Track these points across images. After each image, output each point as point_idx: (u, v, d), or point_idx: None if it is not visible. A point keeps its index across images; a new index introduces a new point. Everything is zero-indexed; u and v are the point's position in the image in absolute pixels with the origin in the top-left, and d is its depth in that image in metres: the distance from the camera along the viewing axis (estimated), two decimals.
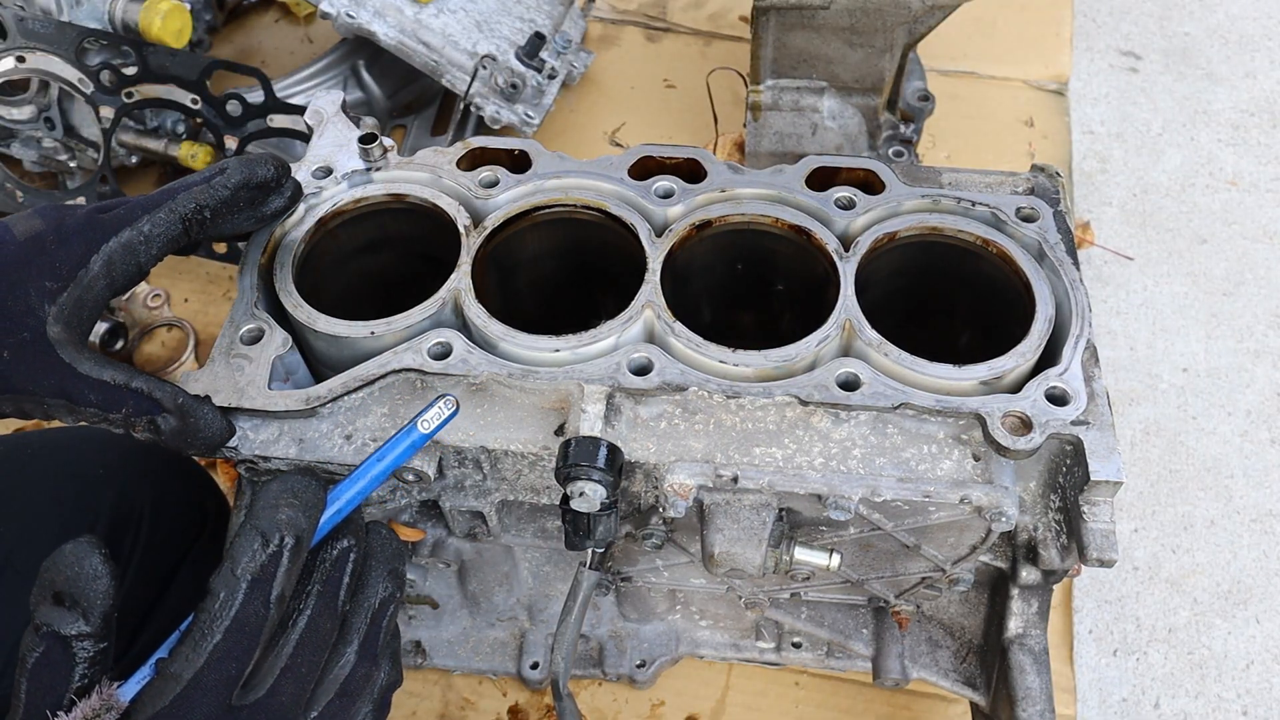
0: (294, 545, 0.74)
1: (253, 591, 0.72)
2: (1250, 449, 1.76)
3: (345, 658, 0.78)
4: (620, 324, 0.96)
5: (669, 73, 2.18)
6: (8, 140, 1.84)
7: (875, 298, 0.98)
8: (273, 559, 0.73)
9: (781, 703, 1.44)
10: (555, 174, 1.08)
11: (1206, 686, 1.53)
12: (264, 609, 0.72)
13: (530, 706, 1.43)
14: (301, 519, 0.75)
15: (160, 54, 1.69)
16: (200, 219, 0.90)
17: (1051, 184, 1.10)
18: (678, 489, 0.90)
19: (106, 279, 0.86)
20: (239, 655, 0.71)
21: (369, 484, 0.83)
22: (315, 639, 0.76)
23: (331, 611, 0.77)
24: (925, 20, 1.56)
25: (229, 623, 0.71)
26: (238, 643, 0.71)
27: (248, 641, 0.71)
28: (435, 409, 0.87)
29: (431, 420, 0.87)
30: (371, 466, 0.84)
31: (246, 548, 0.73)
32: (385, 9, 1.80)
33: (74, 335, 0.85)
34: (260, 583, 0.72)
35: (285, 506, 0.75)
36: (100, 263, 0.85)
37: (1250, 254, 2.01)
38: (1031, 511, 0.97)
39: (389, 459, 0.85)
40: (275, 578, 0.72)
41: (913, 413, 0.91)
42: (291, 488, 0.77)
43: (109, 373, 0.85)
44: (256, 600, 0.72)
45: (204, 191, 0.90)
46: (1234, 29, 2.40)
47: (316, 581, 0.77)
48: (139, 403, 0.85)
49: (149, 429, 0.86)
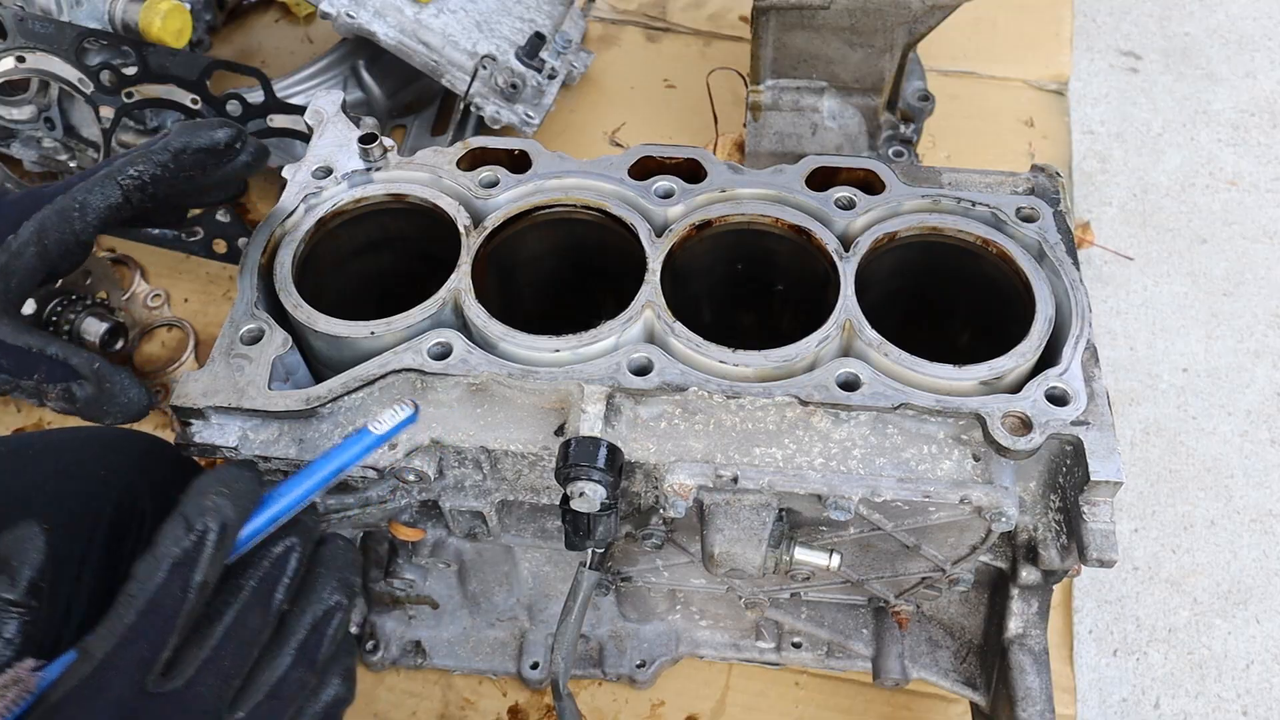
0: (219, 533, 0.73)
1: (172, 575, 0.71)
2: (1250, 449, 1.76)
3: (279, 660, 0.76)
4: (620, 324, 0.96)
5: (669, 73, 2.18)
6: (8, 140, 1.84)
7: (875, 298, 0.98)
8: (195, 545, 0.72)
9: (781, 703, 1.44)
10: (555, 174, 1.08)
11: (1206, 686, 1.53)
12: (181, 593, 0.71)
13: (530, 706, 1.43)
14: (229, 508, 0.74)
15: (160, 54, 1.69)
16: (140, 185, 0.88)
17: (1051, 184, 1.10)
18: (678, 489, 0.90)
19: (37, 246, 0.83)
20: (153, 637, 0.70)
21: (314, 485, 0.81)
22: (243, 634, 0.74)
23: (264, 609, 0.76)
24: (925, 20, 1.56)
25: (143, 604, 0.70)
26: (152, 624, 0.70)
27: (163, 624, 0.70)
28: (390, 411, 0.86)
29: (385, 423, 0.86)
30: (319, 468, 0.82)
31: (170, 533, 0.72)
32: (385, 9, 1.79)
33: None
34: (181, 566, 0.71)
35: (214, 495, 0.74)
36: (30, 229, 0.83)
37: (1250, 254, 2.01)
38: (1031, 511, 0.97)
39: (337, 461, 0.83)
40: (197, 564, 0.71)
41: (913, 413, 0.91)
42: (223, 478, 0.76)
43: (24, 338, 0.83)
44: (175, 584, 0.71)
45: (142, 157, 0.88)
46: (1234, 29, 2.40)
47: (251, 577, 0.76)
48: (52, 369, 0.83)
49: (63, 397, 0.84)
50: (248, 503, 0.76)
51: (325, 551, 0.81)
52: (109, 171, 0.86)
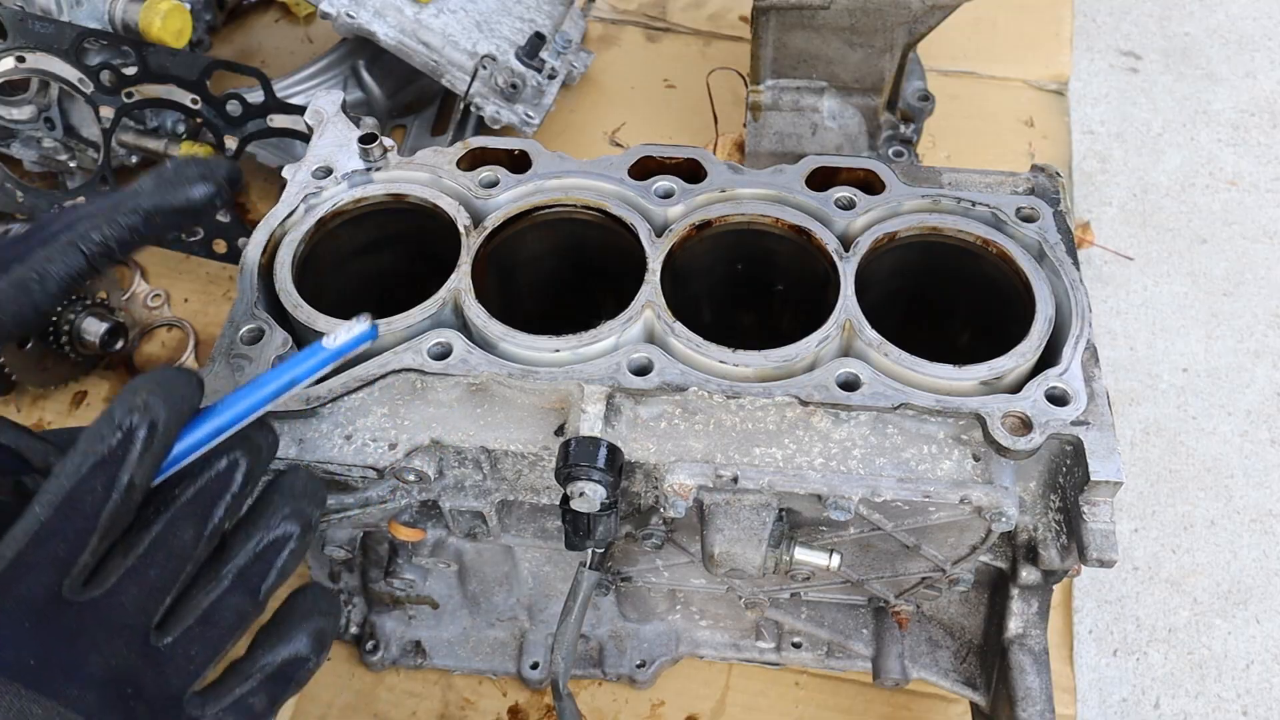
0: (147, 430, 0.67)
1: (94, 472, 0.65)
2: (1250, 449, 1.76)
3: (215, 584, 0.71)
4: (620, 324, 0.96)
5: (669, 73, 2.18)
6: (8, 140, 1.84)
7: (875, 298, 0.98)
8: (122, 443, 0.66)
9: (781, 703, 1.44)
10: (555, 174, 1.08)
11: (1206, 686, 1.53)
12: (104, 491, 0.65)
13: (530, 706, 1.43)
14: (160, 406, 0.67)
15: (160, 54, 1.69)
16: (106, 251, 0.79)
17: (1051, 184, 1.10)
18: (678, 489, 0.90)
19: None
20: (70, 537, 0.65)
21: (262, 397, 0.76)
22: (172, 544, 0.69)
23: (198, 521, 0.70)
24: (925, 20, 1.56)
25: (60, 500, 0.64)
26: (69, 522, 0.65)
27: (82, 523, 0.65)
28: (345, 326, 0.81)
29: (340, 336, 0.80)
30: (268, 380, 0.77)
31: (94, 431, 0.66)
32: (385, 9, 1.79)
33: None
34: (104, 464, 0.65)
35: (145, 393, 0.68)
36: None
37: (1250, 254, 2.01)
38: (1031, 511, 0.97)
39: (290, 372, 0.78)
40: (123, 462, 0.66)
41: (913, 413, 0.91)
42: (158, 378, 0.69)
43: None
44: (96, 480, 0.65)
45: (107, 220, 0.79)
46: (1234, 29, 2.40)
47: (188, 490, 0.70)
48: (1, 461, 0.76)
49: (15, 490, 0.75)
50: (184, 406, 0.70)
51: (284, 479, 0.76)
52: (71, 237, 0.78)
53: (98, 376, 1.74)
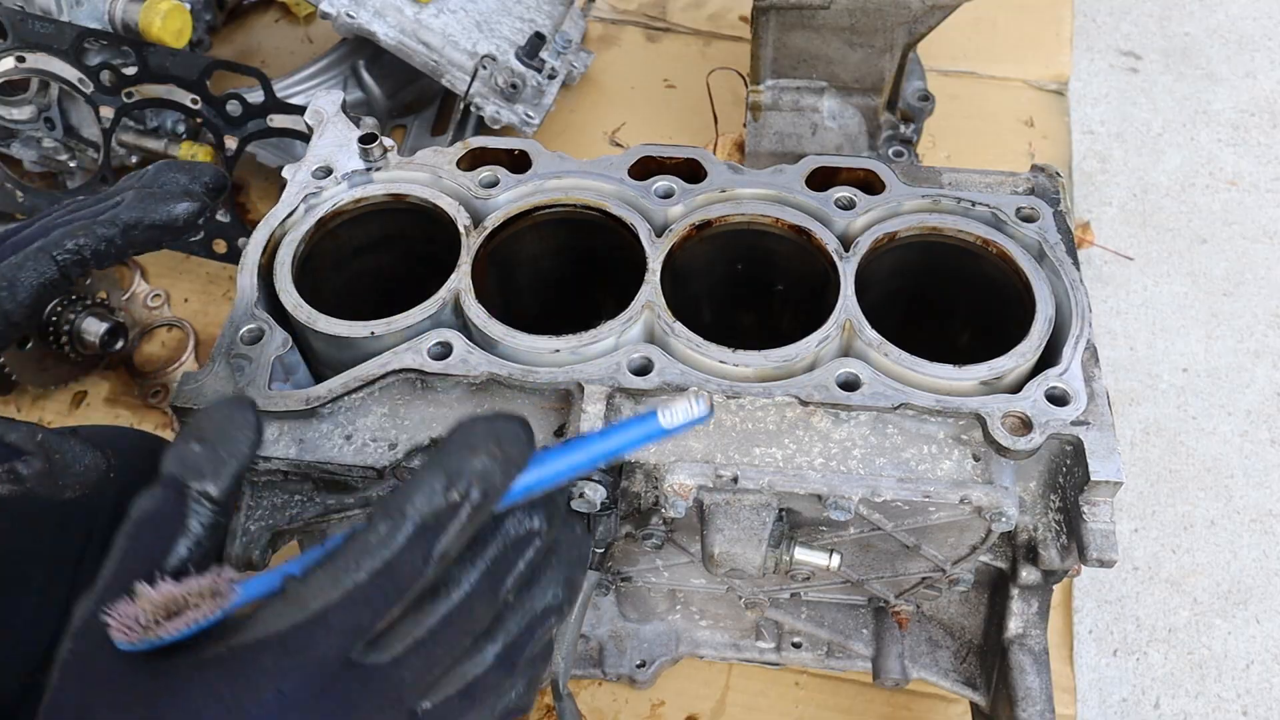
0: (479, 501, 0.61)
1: (417, 538, 0.60)
2: (1250, 449, 1.76)
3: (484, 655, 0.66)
4: (620, 324, 0.96)
5: (669, 73, 2.18)
6: (8, 140, 1.84)
7: (875, 298, 0.98)
8: (451, 509, 0.60)
9: (781, 703, 1.44)
10: (555, 174, 1.08)
11: (1206, 686, 1.53)
12: (422, 563, 0.60)
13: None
14: (498, 473, 0.62)
15: (160, 54, 1.69)
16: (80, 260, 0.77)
17: (1051, 184, 1.10)
18: (678, 489, 0.90)
19: None
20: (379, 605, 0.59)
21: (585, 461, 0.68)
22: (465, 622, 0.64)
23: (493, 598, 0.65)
24: (925, 20, 1.56)
25: (379, 565, 0.59)
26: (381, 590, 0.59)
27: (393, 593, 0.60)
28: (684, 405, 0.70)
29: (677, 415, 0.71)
30: (593, 442, 0.69)
31: (427, 486, 0.60)
32: (385, 9, 1.80)
33: None
34: (428, 530, 0.60)
35: (484, 453, 0.61)
36: None
37: (1250, 254, 2.01)
38: (1031, 511, 0.97)
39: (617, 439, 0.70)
40: (446, 530, 0.60)
41: (913, 413, 0.91)
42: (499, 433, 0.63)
43: None
44: (417, 550, 0.60)
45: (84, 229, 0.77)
46: (1234, 29, 2.40)
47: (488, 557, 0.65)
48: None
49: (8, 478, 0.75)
50: (516, 469, 0.63)
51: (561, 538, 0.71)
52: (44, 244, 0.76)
53: (98, 376, 1.74)
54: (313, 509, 1.01)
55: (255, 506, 1.03)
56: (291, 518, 1.01)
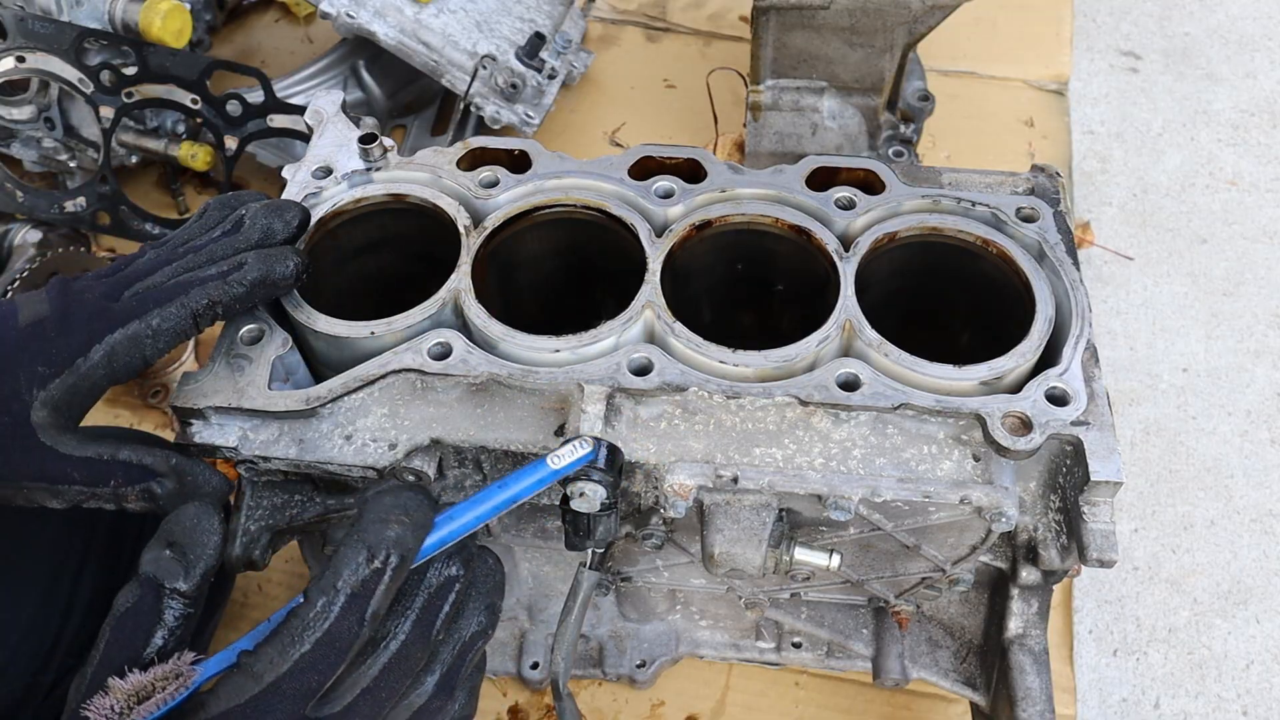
0: (398, 564, 0.72)
1: (350, 606, 0.70)
2: (1250, 449, 1.76)
3: (424, 686, 0.76)
4: (620, 324, 0.96)
5: (669, 73, 2.18)
6: (8, 140, 1.84)
7: (875, 298, 0.98)
8: (374, 575, 0.71)
9: (781, 703, 1.44)
10: (555, 174, 1.08)
11: (1206, 686, 1.53)
12: (357, 626, 0.70)
13: (530, 706, 1.43)
14: (409, 538, 0.73)
15: (160, 54, 1.69)
16: (212, 314, 0.89)
17: (1051, 184, 1.10)
18: (678, 489, 0.90)
19: (106, 369, 0.84)
20: (324, 669, 0.70)
21: (486, 512, 0.80)
22: (403, 665, 0.74)
23: (425, 640, 0.76)
24: (925, 20, 1.56)
25: (321, 634, 0.69)
26: (325, 656, 0.69)
27: (335, 656, 0.70)
28: (569, 447, 0.85)
29: (563, 457, 0.84)
30: (493, 494, 0.81)
31: (350, 560, 0.71)
32: (385, 9, 1.80)
33: (61, 420, 0.83)
34: (358, 598, 0.70)
35: (395, 523, 0.73)
36: (101, 353, 0.84)
37: (1250, 254, 2.01)
38: (1031, 512, 0.97)
39: (512, 490, 0.81)
40: (374, 595, 0.71)
41: (913, 413, 0.91)
42: (404, 504, 0.74)
43: (93, 448, 0.83)
44: (352, 616, 0.70)
45: (219, 289, 0.88)
46: (1234, 29, 2.40)
47: (415, 607, 0.75)
48: (128, 472, 0.83)
49: (143, 498, 0.83)
50: (424, 531, 0.75)
51: (477, 573, 0.80)
52: (184, 301, 0.86)
53: None
54: (313, 509, 1.01)
55: (255, 507, 1.03)
56: (291, 518, 1.01)
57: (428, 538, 0.76)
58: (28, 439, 0.81)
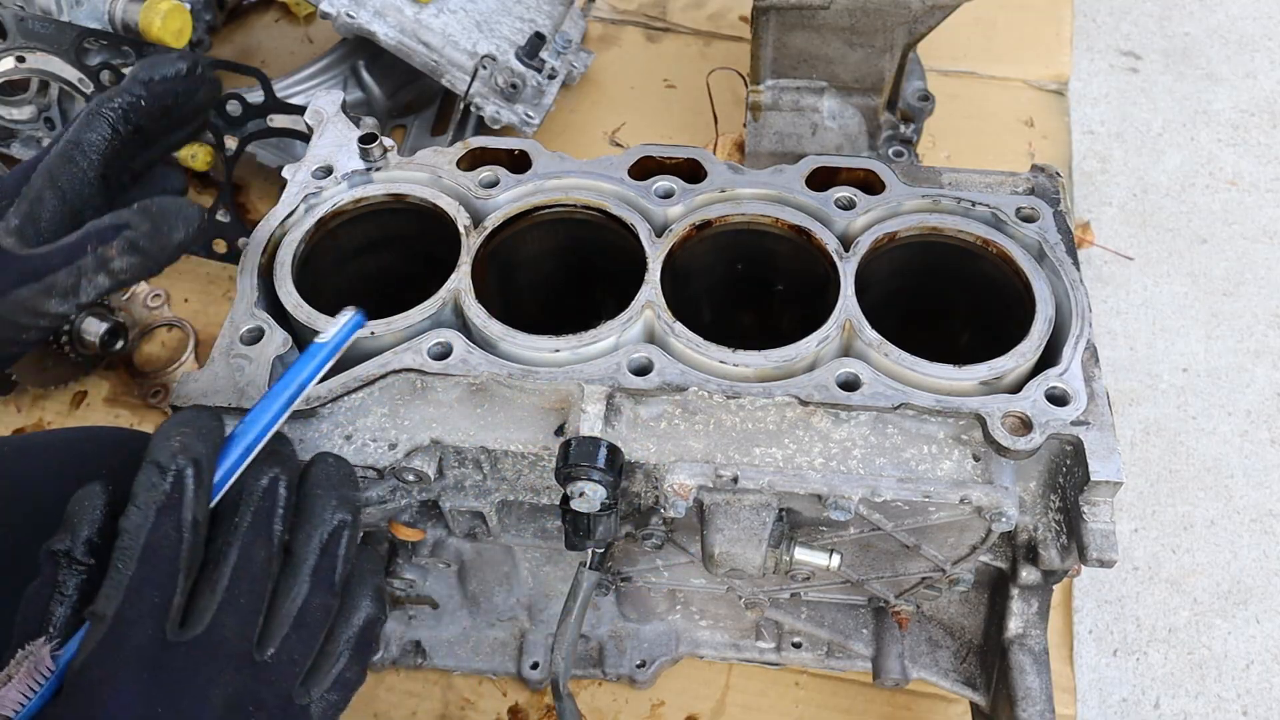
0: (194, 469, 0.72)
1: (160, 518, 0.70)
2: (1250, 449, 1.76)
3: (296, 589, 0.76)
4: (620, 324, 0.96)
5: (669, 73, 2.18)
6: (8, 140, 1.84)
7: (875, 298, 0.98)
8: (174, 486, 0.71)
9: (781, 703, 1.44)
10: (555, 174, 1.08)
11: (1206, 686, 1.53)
12: (175, 533, 0.71)
13: (530, 706, 1.43)
14: (197, 444, 0.73)
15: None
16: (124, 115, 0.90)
17: (1051, 184, 1.10)
18: (678, 489, 0.90)
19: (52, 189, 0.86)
20: (159, 583, 0.70)
21: (276, 411, 0.80)
22: (251, 568, 0.74)
23: (266, 540, 0.75)
24: (925, 20, 1.56)
25: (140, 551, 0.69)
26: (155, 570, 0.70)
27: (166, 568, 0.70)
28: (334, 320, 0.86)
29: (330, 330, 0.85)
30: (277, 393, 0.81)
31: (145, 481, 0.71)
32: (385, 9, 1.79)
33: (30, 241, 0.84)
34: (166, 510, 0.71)
35: (177, 437, 0.73)
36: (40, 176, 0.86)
37: (1250, 254, 2.01)
38: (1031, 511, 0.97)
39: (295, 382, 0.82)
40: (182, 503, 0.71)
41: (913, 413, 0.91)
42: (182, 419, 0.75)
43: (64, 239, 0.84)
44: (165, 526, 0.70)
45: (117, 92, 0.91)
46: (1234, 29, 2.40)
47: (245, 513, 0.76)
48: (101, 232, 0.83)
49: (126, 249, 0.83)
50: (214, 439, 0.75)
51: (315, 472, 0.80)
52: (91, 109, 0.90)
53: (98, 376, 1.74)
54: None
55: None
56: None
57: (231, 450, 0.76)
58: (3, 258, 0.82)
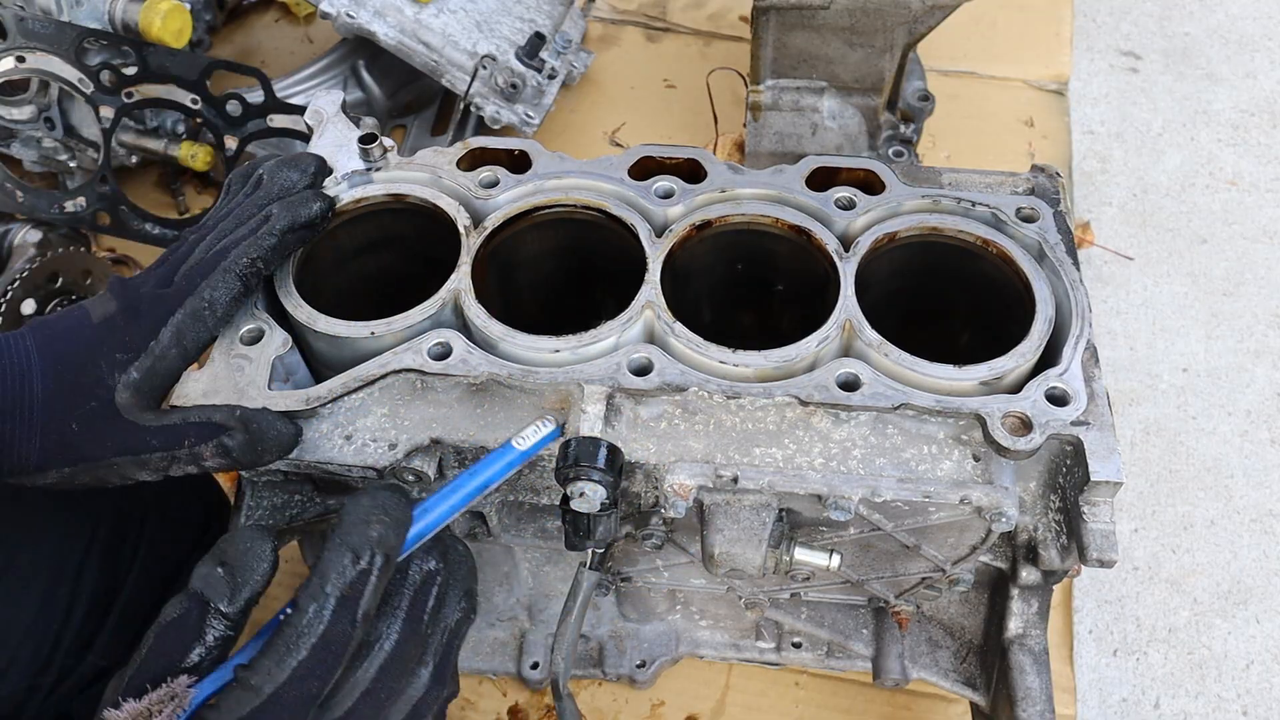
0: (383, 563, 0.73)
1: (340, 609, 0.71)
2: (1250, 449, 1.76)
3: (420, 679, 0.78)
4: (620, 324, 0.96)
5: (669, 73, 2.18)
6: (8, 140, 1.84)
7: (875, 298, 0.98)
8: (361, 576, 0.72)
9: (781, 703, 1.44)
10: (555, 174, 1.08)
11: (1206, 686, 1.53)
12: (350, 628, 0.71)
13: (530, 706, 1.43)
14: (391, 536, 0.74)
15: (160, 54, 1.69)
16: (255, 270, 0.94)
17: (1051, 184, 1.10)
18: (678, 489, 0.90)
19: (178, 347, 0.90)
20: (322, 674, 0.70)
21: (460, 501, 0.82)
22: (399, 664, 0.76)
23: (417, 635, 0.77)
24: (925, 20, 1.56)
25: (316, 640, 0.70)
26: (322, 661, 0.70)
27: (332, 660, 0.71)
28: (533, 428, 0.88)
29: (528, 438, 0.87)
30: (464, 482, 0.83)
31: (336, 563, 0.72)
32: (385, 9, 1.80)
33: (142, 401, 0.88)
34: (348, 600, 0.71)
35: (376, 523, 0.74)
36: (169, 333, 0.89)
37: (1250, 254, 2.01)
38: (1031, 512, 0.97)
39: (482, 477, 0.84)
40: (363, 596, 0.72)
41: (913, 413, 0.91)
42: (382, 504, 0.76)
43: (167, 418, 0.88)
44: (344, 619, 0.71)
45: (253, 245, 0.94)
46: (1234, 29, 2.40)
47: (403, 604, 0.77)
48: (200, 430, 0.87)
49: (217, 453, 0.87)
50: (404, 529, 0.77)
51: (452, 563, 0.82)
52: (226, 265, 0.92)
53: None
54: (313, 509, 1.01)
55: (255, 507, 1.03)
56: (291, 518, 1.01)
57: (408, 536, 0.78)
58: (114, 420, 0.86)
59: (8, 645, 1.02)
